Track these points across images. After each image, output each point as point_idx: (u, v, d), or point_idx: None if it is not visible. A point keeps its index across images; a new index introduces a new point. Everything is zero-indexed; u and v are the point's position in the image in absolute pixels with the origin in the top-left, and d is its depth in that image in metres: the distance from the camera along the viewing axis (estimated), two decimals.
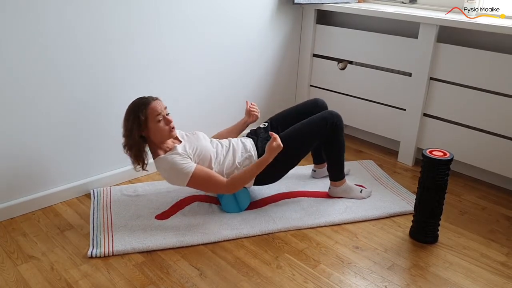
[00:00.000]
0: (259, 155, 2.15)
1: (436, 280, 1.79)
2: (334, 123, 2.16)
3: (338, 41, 2.99)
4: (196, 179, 1.99)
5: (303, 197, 2.33)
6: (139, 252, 1.89)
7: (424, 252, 1.96)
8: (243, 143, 2.20)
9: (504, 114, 2.36)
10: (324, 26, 3.04)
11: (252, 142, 2.21)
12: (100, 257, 1.85)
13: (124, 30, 2.23)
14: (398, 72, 2.77)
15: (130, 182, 2.47)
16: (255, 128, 2.35)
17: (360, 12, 2.82)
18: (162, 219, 2.10)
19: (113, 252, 1.87)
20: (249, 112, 2.35)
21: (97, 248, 1.89)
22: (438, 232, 2.04)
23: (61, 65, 2.07)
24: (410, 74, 2.69)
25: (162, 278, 1.75)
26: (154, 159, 2.06)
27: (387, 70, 2.81)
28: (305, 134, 2.16)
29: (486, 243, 2.03)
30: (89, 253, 1.86)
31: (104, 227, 2.03)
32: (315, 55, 3.15)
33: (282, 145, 2.02)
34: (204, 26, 2.57)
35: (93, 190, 2.32)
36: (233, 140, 2.22)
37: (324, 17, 3.13)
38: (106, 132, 2.32)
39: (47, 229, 2.04)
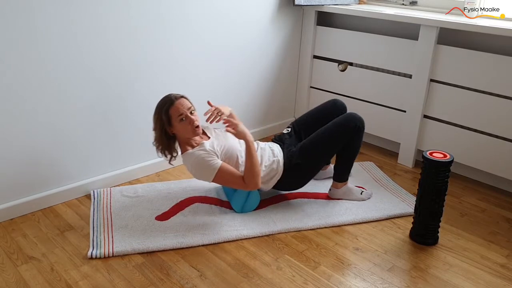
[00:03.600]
0: (284, 162, 2.17)
1: (436, 282, 1.78)
2: (357, 126, 2.17)
3: (338, 42, 2.99)
4: (221, 176, 2.01)
5: (303, 198, 2.33)
6: (139, 253, 1.89)
7: (424, 254, 1.96)
8: (271, 148, 2.23)
9: (504, 116, 2.36)
10: (325, 28, 3.04)
11: (280, 148, 2.24)
12: (100, 258, 1.85)
13: (124, 36, 2.23)
14: (399, 74, 2.77)
15: (130, 183, 2.47)
16: (279, 134, 2.39)
17: (360, 14, 2.82)
18: (162, 220, 2.10)
19: (113, 253, 1.87)
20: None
21: (97, 249, 1.89)
22: (438, 234, 2.04)
23: (61, 67, 2.07)
24: (410, 76, 2.69)
25: (162, 279, 1.75)
26: (182, 153, 2.10)
27: (388, 71, 2.81)
28: (329, 140, 2.17)
29: (486, 245, 2.03)
30: (89, 254, 1.86)
31: (104, 228, 2.03)
32: (315, 57, 3.15)
33: (238, 123, 2.03)
34: (204, 28, 2.57)
35: (93, 191, 2.32)
36: (261, 144, 2.26)
37: (325, 19, 3.13)
38: (106, 133, 2.33)
39: (47, 230, 2.04)
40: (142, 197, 2.29)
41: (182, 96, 2.07)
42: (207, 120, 2.09)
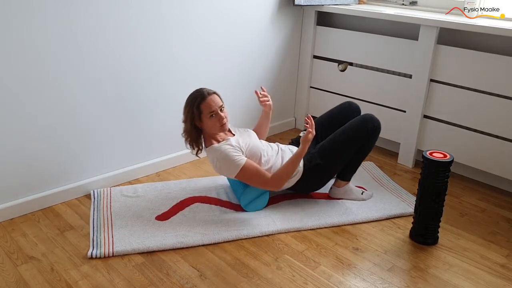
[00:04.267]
0: (304, 163, 2.19)
1: (436, 282, 1.78)
2: (374, 127, 2.20)
3: (338, 42, 2.99)
4: (245, 172, 2.03)
5: (304, 198, 2.33)
6: (139, 253, 1.89)
7: (424, 253, 1.96)
8: (291, 150, 2.26)
9: (504, 116, 2.36)
10: (325, 28, 3.04)
11: None
12: (100, 257, 1.85)
13: (123, 36, 2.23)
14: (399, 74, 2.77)
15: (130, 183, 2.47)
16: (295, 137, 2.43)
17: (360, 14, 2.82)
18: (162, 220, 2.10)
19: (113, 252, 1.87)
20: (262, 102, 2.36)
21: (97, 249, 1.89)
22: (438, 234, 2.04)
23: (61, 67, 2.07)
24: (410, 76, 2.69)
25: (162, 279, 1.75)
26: (206, 147, 2.13)
27: (388, 71, 2.81)
28: (347, 140, 2.19)
29: (486, 245, 2.03)
30: (89, 253, 1.86)
31: (104, 227, 2.03)
32: (315, 57, 3.15)
33: (314, 133, 2.09)
34: (204, 28, 2.57)
35: (93, 191, 2.32)
36: (282, 146, 2.29)
37: (325, 19, 3.13)
38: (106, 133, 2.33)
39: (47, 230, 2.04)
40: (142, 197, 2.29)
41: (214, 92, 2.10)
42: (261, 98, 2.25)
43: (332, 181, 2.35)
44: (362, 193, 2.33)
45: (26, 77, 1.98)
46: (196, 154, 2.15)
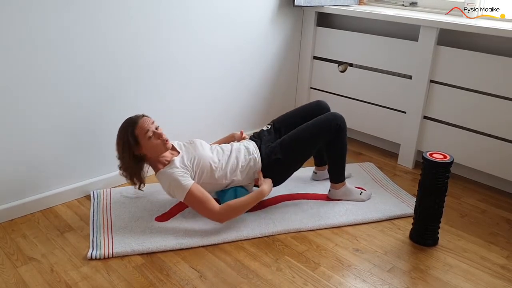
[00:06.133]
0: (262, 159, 2.16)
1: (436, 283, 1.78)
2: (338, 124, 2.17)
3: (338, 43, 2.99)
4: (191, 197, 1.97)
5: (303, 199, 2.33)
6: (139, 254, 1.89)
7: (424, 254, 1.96)
8: (246, 147, 2.20)
9: (504, 117, 2.36)
10: (325, 29, 3.05)
11: (255, 145, 2.22)
12: (100, 258, 1.85)
13: (123, 37, 2.23)
14: (399, 74, 2.77)
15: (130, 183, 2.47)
16: (258, 131, 2.36)
17: (360, 15, 2.82)
18: (162, 221, 2.10)
19: (113, 254, 1.87)
20: (239, 139, 2.34)
21: (97, 250, 1.88)
22: (438, 235, 2.04)
23: (60, 68, 2.07)
24: (410, 77, 2.69)
25: (162, 280, 1.75)
26: (155, 174, 2.08)
27: (388, 72, 2.82)
28: (309, 136, 2.17)
29: (486, 246, 2.03)
30: (89, 254, 1.86)
31: (104, 228, 2.03)
32: (315, 58, 3.16)
33: (272, 184, 2.12)
34: (204, 29, 2.57)
35: (93, 192, 2.32)
36: (235, 145, 2.22)
37: (325, 20, 3.14)
38: (106, 133, 2.32)
39: (47, 231, 2.03)
40: (142, 198, 2.29)
41: (143, 115, 2.04)
42: (239, 136, 2.31)
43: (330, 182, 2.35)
44: (361, 194, 2.33)
45: (25, 78, 1.97)
46: (139, 188, 2.07)
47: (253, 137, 2.32)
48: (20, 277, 1.75)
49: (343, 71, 3.02)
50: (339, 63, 3.03)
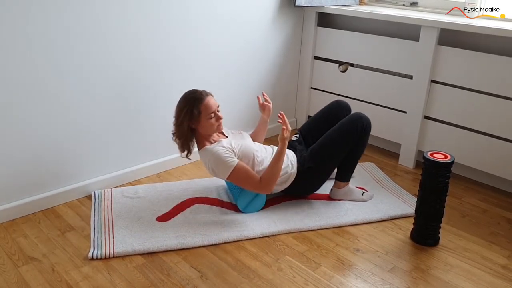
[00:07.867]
0: (298, 166, 2.19)
1: (437, 283, 1.78)
2: (364, 126, 2.19)
3: (339, 43, 2.99)
4: (236, 174, 2.03)
5: (304, 199, 2.33)
6: (140, 254, 1.89)
7: (425, 254, 1.96)
8: (285, 153, 2.22)
9: (505, 117, 2.36)
10: (325, 29, 3.05)
11: (293, 154, 2.26)
12: (101, 258, 1.85)
13: (124, 38, 2.24)
14: (399, 74, 2.77)
15: (131, 183, 2.47)
16: (289, 141, 2.37)
17: (361, 15, 2.82)
18: (163, 221, 2.10)
19: (113, 253, 1.87)
20: (263, 106, 2.37)
21: (98, 250, 1.89)
22: (439, 235, 2.04)
23: (62, 68, 2.07)
24: (411, 77, 2.69)
25: (162, 280, 1.75)
26: (199, 149, 2.12)
27: (388, 72, 2.81)
28: (338, 141, 2.19)
29: (487, 245, 2.03)
30: (89, 254, 1.86)
31: (105, 228, 2.03)
32: (316, 58, 3.16)
33: (290, 128, 2.06)
34: (205, 29, 2.57)
35: (94, 192, 2.32)
36: (276, 148, 2.25)
37: (325, 20, 3.14)
38: (107, 134, 2.33)
39: (48, 231, 2.04)
40: (143, 198, 2.29)
41: (210, 93, 2.10)
42: (263, 103, 2.32)
43: (332, 182, 2.35)
44: (362, 194, 2.33)
45: (26, 78, 1.98)
46: (187, 156, 2.13)
47: (287, 148, 2.30)
48: (21, 277, 1.75)
49: (343, 71, 3.02)
50: (340, 63, 3.03)
